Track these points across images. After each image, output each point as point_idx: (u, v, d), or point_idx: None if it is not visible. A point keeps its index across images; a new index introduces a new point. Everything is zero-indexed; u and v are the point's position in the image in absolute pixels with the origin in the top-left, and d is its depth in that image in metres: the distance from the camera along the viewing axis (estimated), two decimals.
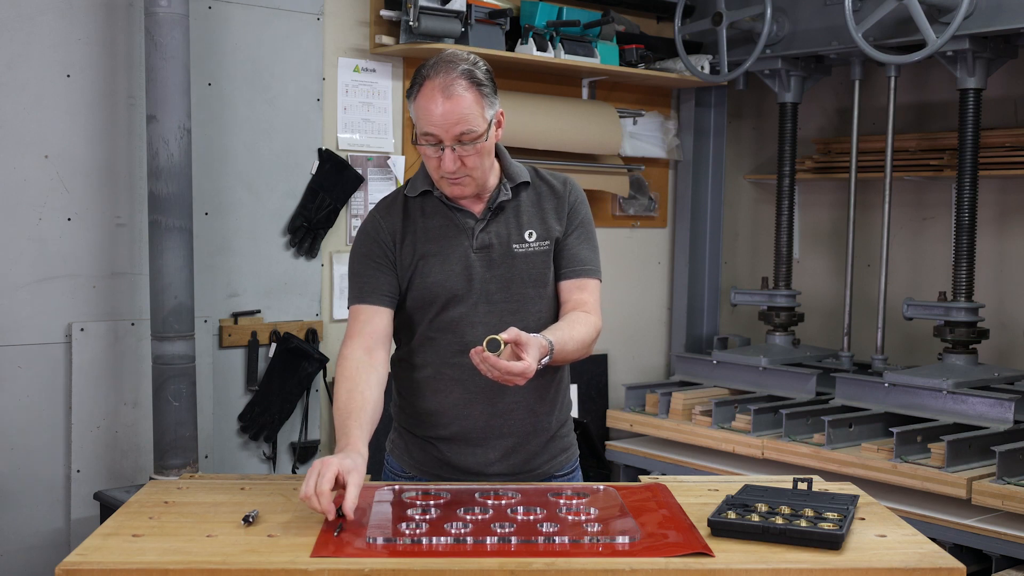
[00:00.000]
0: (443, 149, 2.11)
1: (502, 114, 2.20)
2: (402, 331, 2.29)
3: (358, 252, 2.26)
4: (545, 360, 2.03)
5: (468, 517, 1.96)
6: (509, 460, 2.26)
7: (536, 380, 2.15)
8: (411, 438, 2.31)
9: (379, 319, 2.22)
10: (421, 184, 2.26)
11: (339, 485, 1.92)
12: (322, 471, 1.90)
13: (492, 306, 2.21)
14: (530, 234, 2.24)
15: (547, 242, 2.25)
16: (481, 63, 2.16)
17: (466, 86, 2.10)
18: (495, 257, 2.22)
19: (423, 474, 2.30)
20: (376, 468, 2.32)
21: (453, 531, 1.89)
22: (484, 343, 1.94)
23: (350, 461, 1.95)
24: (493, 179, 2.25)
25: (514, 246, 2.22)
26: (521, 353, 1.97)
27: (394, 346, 2.35)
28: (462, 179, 2.16)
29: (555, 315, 2.27)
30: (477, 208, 2.24)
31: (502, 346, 1.95)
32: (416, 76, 2.14)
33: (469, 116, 2.09)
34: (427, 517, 1.96)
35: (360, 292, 2.23)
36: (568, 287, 2.27)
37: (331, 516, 1.90)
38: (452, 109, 2.08)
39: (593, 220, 2.34)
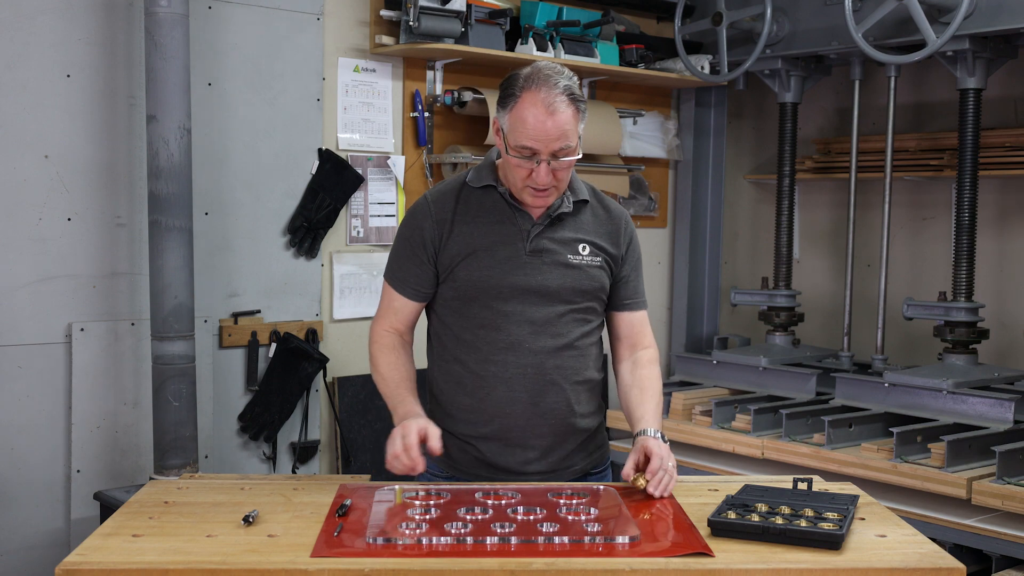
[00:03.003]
0: (537, 163, 2.13)
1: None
2: (444, 327, 2.32)
3: (403, 234, 2.33)
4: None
5: (468, 517, 1.96)
6: (548, 459, 2.29)
7: (577, 381, 2.27)
8: (449, 438, 2.31)
9: (408, 310, 2.34)
10: (486, 177, 2.28)
11: (422, 441, 2.14)
12: (405, 432, 2.12)
13: (537, 309, 2.24)
14: (583, 247, 2.28)
15: (598, 259, 2.29)
16: (576, 78, 2.19)
17: (567, 102, 2.13)
18: (547, 262, 2.25)
19: (461, 474, 2.31)
20: (383, 468, 2.32)
21: (453, 531, 1.89)
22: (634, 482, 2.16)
23: (424, 420, 2.18)
24: None
25: (569, 256, 2.26)
26: (651, 456, 2.16)
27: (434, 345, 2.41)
28: (549, 191, 2.19)
29: (599, 325, 2.34)
30: (537, 213, 2.26)
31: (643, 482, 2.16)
32: (511, 87, 2.15)
33: (569, 132, 2.13)
34: (427, 517, 1.96)
35: (393, 276, 2.34)
36: (626, 319, 2.38)
37: (420, 468, 2.11)
38: (556, 125, 2.11)
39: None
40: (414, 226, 2.29)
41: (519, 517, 1.97)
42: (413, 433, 2.12)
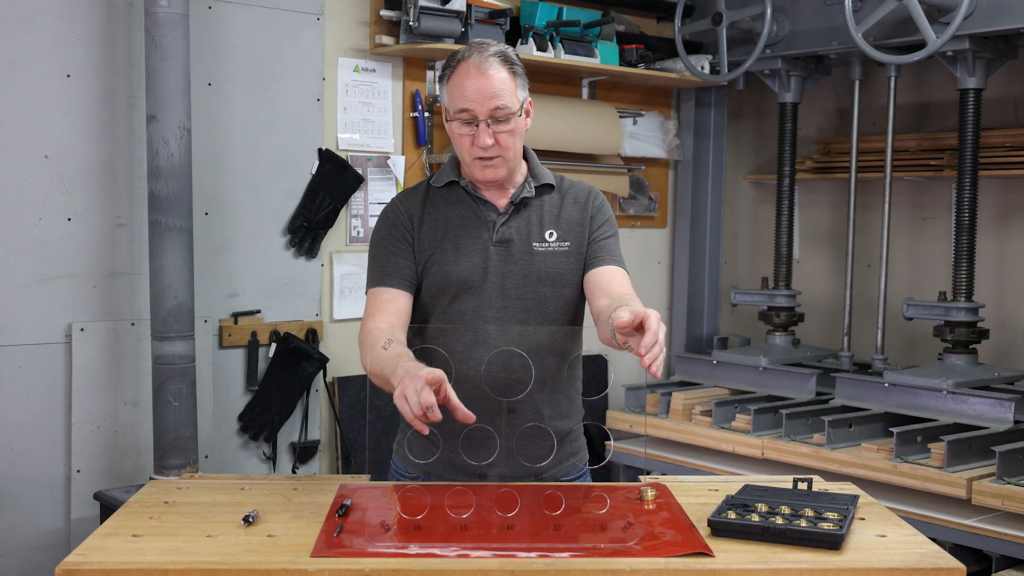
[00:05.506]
0: (477, 125, 2.15)
1: (530, 103, 2.24)
2: (414, 321, 2.30)
3: (377, 237, 2.31)
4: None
5: (467, 517, 1.96)
6: (513, 462, 2.25)
7: (545, 383, 2.23)
8: (415, 436, 2.30)
9: (400, 300, 2.25)
10: (448, 175, 2.29)
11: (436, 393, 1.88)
12: (418, 387, 1.84)
13: (507, 301, 2.23)
14: (551, 234, 2.27)
15: (567, 243, 2.27)
16: (512, 49, 2.23)
17: (500, 63, 2.17)
18: (514, 252, 2.24)
19: (427, 475, 2.30)
20: (384, 468, 2.31)
21: (453, 532, 1.89)
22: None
23: (427, 370, 1.89)
24: (520, 176, 2.29)
25: (535, 244, 2.25)
26: (645, 326, 1.91)
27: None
28: (495, 159, 2.19)
29: (572, 316, 2.30)
30: (501, 202, 2.27)
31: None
32: (449, 61, 2.20)
33: (503, 91, 2.15)
34: (427, 517, 1.96)
35: (380, 275, 2.27)
36: (597, 273, 2.26)
37: (436, 416, 1.85)
38: (487, 84, 2.14)
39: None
40: (390, 223, 2.30)
41: (519, 517, 1.97)
42: (429, 389, 1.85)
